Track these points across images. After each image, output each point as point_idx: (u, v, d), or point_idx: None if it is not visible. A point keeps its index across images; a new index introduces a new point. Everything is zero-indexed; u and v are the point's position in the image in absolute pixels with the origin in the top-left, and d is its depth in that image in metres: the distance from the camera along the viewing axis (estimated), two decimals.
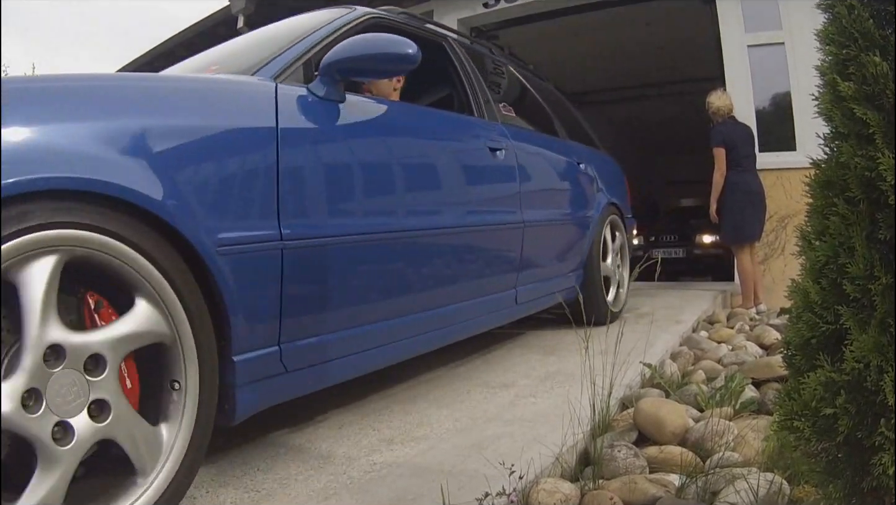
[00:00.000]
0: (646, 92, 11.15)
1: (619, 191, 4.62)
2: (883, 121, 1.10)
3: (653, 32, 8.51)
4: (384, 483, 1.75)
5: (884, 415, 1.07)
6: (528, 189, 3.21)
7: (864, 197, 1.12)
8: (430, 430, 2.17)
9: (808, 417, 1.17)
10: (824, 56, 1.22)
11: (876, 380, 1.07)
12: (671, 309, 4.50)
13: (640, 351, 2.85)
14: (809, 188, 1.24)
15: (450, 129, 2.86)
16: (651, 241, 10.22)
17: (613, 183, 4.53)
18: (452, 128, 2.90)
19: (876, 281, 1.08)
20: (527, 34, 8.30)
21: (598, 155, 4.63)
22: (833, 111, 1.18)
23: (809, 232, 1.24)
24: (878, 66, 1.11)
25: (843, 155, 1.15)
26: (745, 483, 1.59)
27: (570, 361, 2.97)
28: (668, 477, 1.79)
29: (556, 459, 1.86)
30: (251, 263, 1.66)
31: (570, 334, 3.14)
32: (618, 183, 4.69)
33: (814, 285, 1.20)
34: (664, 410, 2.13)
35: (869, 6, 1.17)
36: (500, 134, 3.09)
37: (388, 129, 2.35)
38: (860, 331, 1.10)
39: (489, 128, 3.07)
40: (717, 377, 2.79)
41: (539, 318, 4.37)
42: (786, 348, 1.31)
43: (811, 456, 1.25)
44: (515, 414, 2.31)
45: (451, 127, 2.89)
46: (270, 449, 2.02)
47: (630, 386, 2.57)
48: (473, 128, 3.00)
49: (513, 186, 3.08)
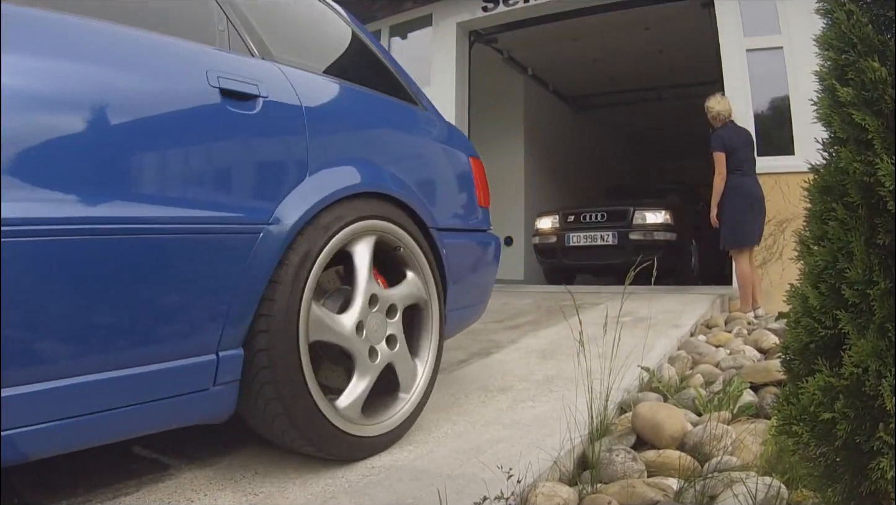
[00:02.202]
0: (646, 96, 11.17)
1: (423, 173, 2.45)
2: (882, 126, 1.10)
3: (652, 36, 8.54)
4: (382, 487, 1.75)
5: (882, 419, 1.07)
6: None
7: (862, 202, 1.12)
8: (427, 434, 2.17)
9: (807, 421, 1.17)
10: (823, 61, 1.23)
11: (874, 384, 1.07)
12: (669, 313, 4.50)
13: (638, 355, 2.85)
14: (808, 193, 1.25)
15: None
16: (568, 223, 7.98)
17: (405, 154, 2.38)
18: None
19: (875, 286, 1.09)
20: (526, 38, 8.33)
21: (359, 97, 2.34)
22: (832, 116, 1.18)
23: (808, 237, 1.24)
24: (877, 71, 1.11)
25: (841, 160, 1.15)
26: (743, 487, 1.59)
27: (569, 365, 2.97)
28: (667, 481, 1.79)
29: (555, 463, 1.86)
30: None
31: (569, 338, 3.14)
32: (423, 157, 2.50)
33: (812, 290, 1.20)
34: (662, 414, 2.13)
35: (868, 12, 1.17)
36: None
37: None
38: (859, 336, 1.10)
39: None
40: (715, 381, 2.79)
41: (538, 320, 4.37)
42: (784, 353, 1.31)
43: (809, 460, 1.25)
44: (514, 418, 2.31)
45: None
46: (268, 452, 2.02)
47: (628, 390, 2.57)
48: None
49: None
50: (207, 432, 2.16)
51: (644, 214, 7.53)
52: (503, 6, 7.31)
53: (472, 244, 2.73)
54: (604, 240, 7.60)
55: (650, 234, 7.38)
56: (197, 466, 1.90)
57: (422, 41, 8.00)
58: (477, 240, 2.78)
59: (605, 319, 2.23)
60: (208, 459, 1.95)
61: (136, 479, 1.79)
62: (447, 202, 2.55)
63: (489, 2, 7.39)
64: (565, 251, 7.93)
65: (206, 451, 2.01)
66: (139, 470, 1.86)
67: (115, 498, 1.67)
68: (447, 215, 2.50)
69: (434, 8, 7.74)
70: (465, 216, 2.67)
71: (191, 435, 1.90)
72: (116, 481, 1.77)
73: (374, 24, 8.25)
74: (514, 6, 7.24)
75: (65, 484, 1.74)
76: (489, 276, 2.88)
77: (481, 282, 2.81)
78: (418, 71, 7.85)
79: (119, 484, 1.75)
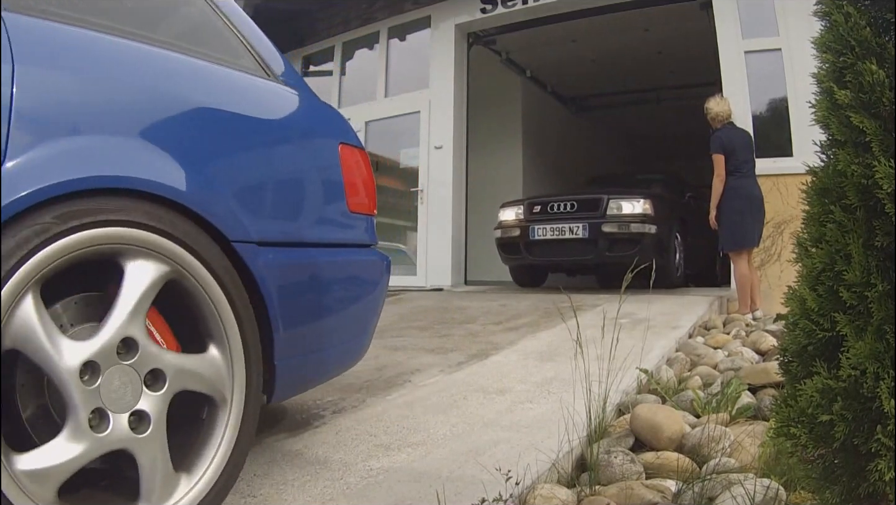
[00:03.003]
0: (644, 97, 11.19)
1: (238, 163, 1.74)
2: (880, 129, 1.10)
3: (650, 38, 8.55)
4: (381, 489, 1.75)
5: (880, 421, 1.07)
6: None
7: (860, 204, 1.12)
8: (426, 435, 2.17)
9: (805, 423, 1.18)
10: (821, 63, 1.23)
11: (872, 386, 1.07)
12: (668, 315, 4.51)
13: (636, 357, 2.85)
14: (806, 195, 1.25)
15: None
16: (534, 214, 6.91)
17: (201, 134, 1.66)
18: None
19: (872, 288, 1.09)
20: (525, 39, 8.34)
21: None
22: (830, 119, 1.19)
23: (806, 239, 1.24)
24: (875, 74, 1.11)
25: (839, 162, 1.15)
26: (741, 489, 1.59)
27: (567, 367, 2.97)
28: (665, 483, 1.79)
29: (553, 465, 1.86)
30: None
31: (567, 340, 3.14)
32: (244, 141, 1.78)
33: (810, 292, 1.20)
34: (661, 415, 2.14)
35: (866, 14, 1.17)
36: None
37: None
38: (857, 338, 1.10)
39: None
40: (713, 383, 2.80)
41: (536, 322, 4.38)
42: (782, 355, 1.31)
43: (808, 462, 1.25)
44: (512, 420, 2.31)
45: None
46: (267, 454, 2.02)
47: (627, 392, 2.57)
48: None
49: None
50: None
51: (620, 204, 6.50)
52: (502, 8, 7.32)
53: (334, 264, 2.00)
54: (573, 233, 6.51)
55: (626, 226, 6.33)
56: None
57: (421, 43, 8.01)
58: (343, 258, 2.05)
59: (604, 320, 2.23)
60: None
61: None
62: (285, 205, 1.83)
63: (488, 3, 7.39)
64: (529, 246, 6.81)
65: None
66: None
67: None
68: (282, 223, 1.79)
69: (433, 9, 7.75)
70: (319, 225, 1.96)
71: None
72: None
73: (373, 25, 8.27)
74: (512, 8, 7.25)
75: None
76: (365, 308, 2.13)
77: (348, 317, 2.06)
78: (417, 72, 7.87)
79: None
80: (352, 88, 8.69)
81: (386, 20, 8.17)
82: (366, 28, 8.36)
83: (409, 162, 8.10)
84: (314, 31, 8.84)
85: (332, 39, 8.73)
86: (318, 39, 8.86)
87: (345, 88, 8.72)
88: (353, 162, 2.07)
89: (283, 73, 2.08)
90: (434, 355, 3.47)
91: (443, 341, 3.87)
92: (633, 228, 6.31)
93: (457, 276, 7.57)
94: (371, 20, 8.26)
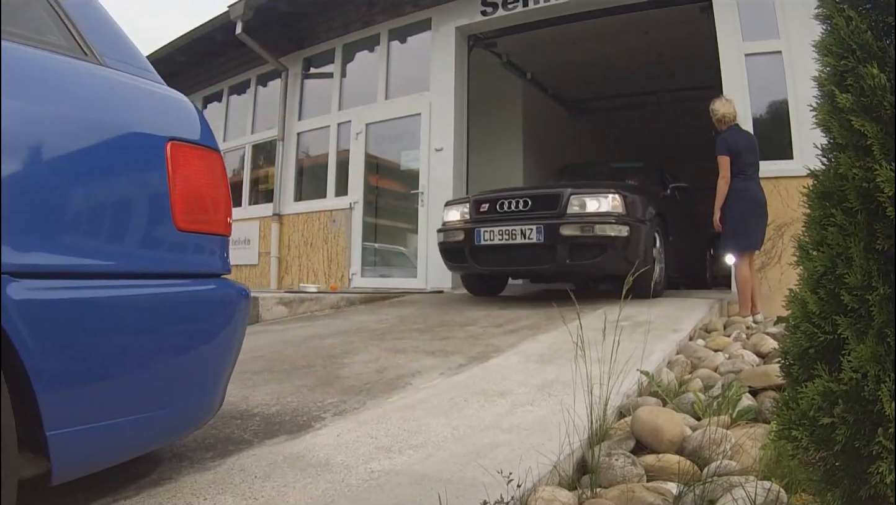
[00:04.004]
0: (644, 100, 11.19)
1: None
2: (881, 132, 1.11)
3: (651, 41, 8.55)
4: (382, 491, 1.75)
5: (881, 424, 1.08)
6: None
7: (862, 208, 1.13)
8: (427, 438, 2.17)
9: (806, 426, 1.18)
10: (822, 67, 1.23)
11: (874, 389, 1.07)
12: (668, 317, 4.50)
13: (637, 359, 2.85)
14: (807, 198, 1.25)
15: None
16: (481, 214, 5.75)
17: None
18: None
19: (874, 291, 1.09)
20: (525, 42, 8.35)
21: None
22: (831, 122, 1.19)
23: (807, 242, 1.25)
24: (876, 77, 1.11)
25: (841, 166, 1.16)
26: (742, 491, 1.59)
27: (568, 370, 2.97)
28: (666, 485, 1.79)
29: (554, 468, 1.86)
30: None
31: (568, 343, 3.15)
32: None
33: (811, 295, 1.20)
34: (661, 418, 2.14)
35: (867, 18, 1.18)
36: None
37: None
38: (858, 341, 1.11)
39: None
40: (714, 385, 2.79)
41: (537, 324, 4.38)
42: (783, 358, 1.31)
43: (809, 465, 1.25)
44: (513, 422, 2.31)
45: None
46: (268, 457, 2.02)
47: (627, 394, 2.57)
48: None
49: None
50: (208, 436, 2.17)
51: (583, 200, 5.34)
52: (502, 10, 7.33)
53: (146, 300, 1.54)
54: (525, 237, 5.34)
55: (590, 227, 5.19)
56: (197, 470, 1.90)
57: (421, 45, 8.01)
58: (163, 292, 1.59)
59: (604, 323, 2.23)
60: (208, 462, 1.95)
61: (135, 483, 1.79)
62: (58, 221, 1.37)
63: (488, 6, 7.40)
64: (475, 253, 5.63)
65: (206, 454, 2.01)
66: (138, 474, 1.86)
67: (115, 502, 1.67)
68: (54, 246, 1.35)
69: (433, 12, 7.76)
70: (118, 248, 1.50)
71: (191, 438, 1.90)
72: (115, 485, 1.76)
73: (373, 27, 8.28)
74: (513, 10, 7.26)
75: (63, 488, 1.73)
76: (202, 357, 1.70)
77: (173, 369, 1.61)
78: (418, 75, 7.88)
79: (118, 488, 1.75)
80: (352, 91, 8.69)
81: (386, 23, 8.18)
82: (366, 30, 8.37)
83: (409, 164, 8.10)
84: (315, 33, 8.85)
85: (332, 42, 8.74)
86: (319, 42, 8.87)
87: (345, 91, 8.73)
88: (192, 166, 1.63)
89: (113, 55, 1.68)
90: (435, 358, 3.47)
91: (443, 344, 3.87)
92: (598, 231, 5.17)
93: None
94: (371, 23, 8.27)
